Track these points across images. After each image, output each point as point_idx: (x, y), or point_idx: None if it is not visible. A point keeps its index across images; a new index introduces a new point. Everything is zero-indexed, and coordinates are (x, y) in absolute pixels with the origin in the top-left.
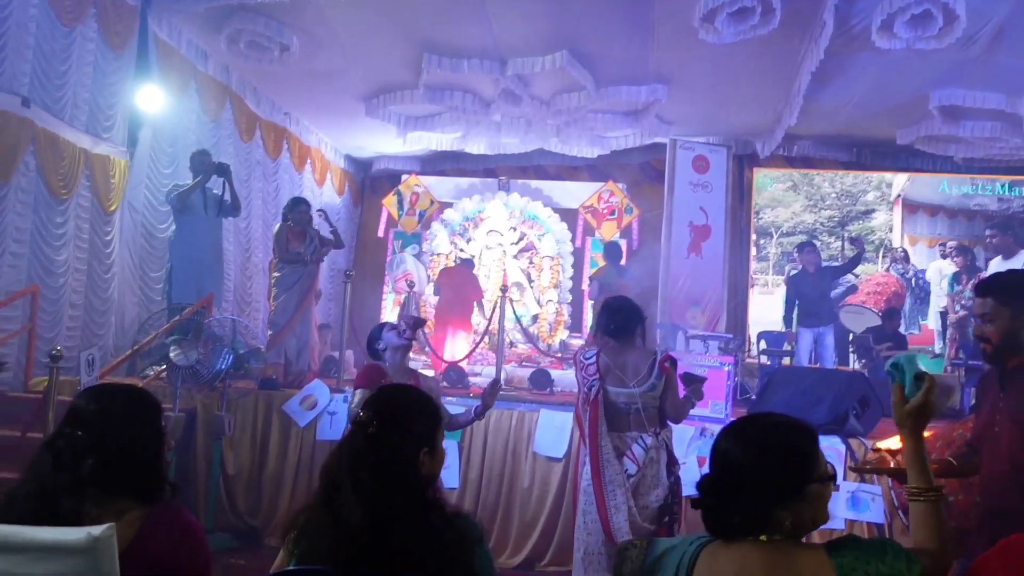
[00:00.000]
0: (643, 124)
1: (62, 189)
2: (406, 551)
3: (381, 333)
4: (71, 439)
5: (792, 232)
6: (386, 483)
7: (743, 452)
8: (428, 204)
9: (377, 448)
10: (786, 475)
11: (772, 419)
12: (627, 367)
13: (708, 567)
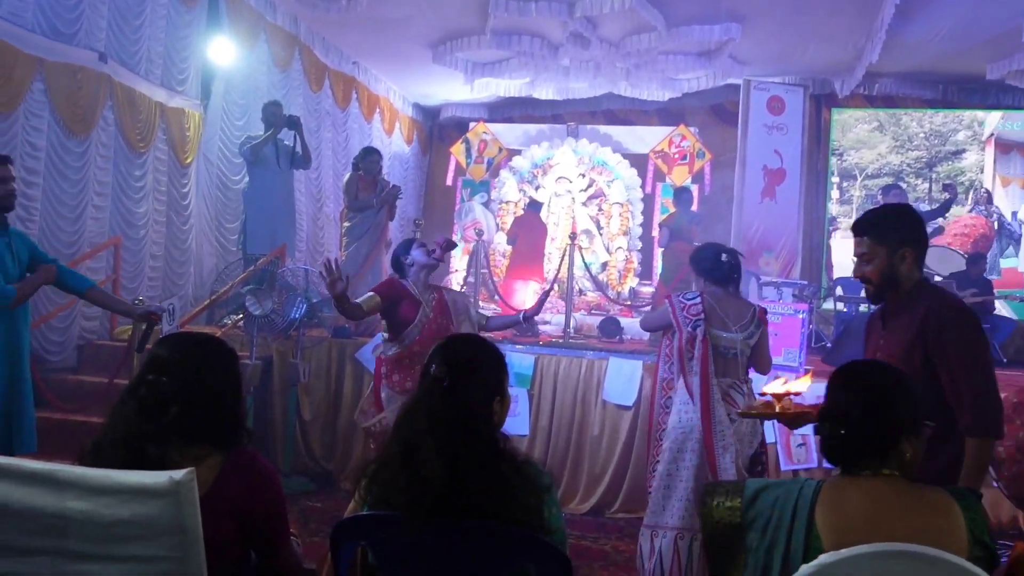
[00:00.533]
0: (716, 65)
1: (140, 143)
2: (480, 501)
3: (409, 250)
4: (155, 387)
5: (877, 174)
6: (464, 435)
7: (874, 387)
8: (496, 152)
9: (453, 401)
10: (910, 410)
11: (877, 367)
12: (730, 312)
13: (833, 502)
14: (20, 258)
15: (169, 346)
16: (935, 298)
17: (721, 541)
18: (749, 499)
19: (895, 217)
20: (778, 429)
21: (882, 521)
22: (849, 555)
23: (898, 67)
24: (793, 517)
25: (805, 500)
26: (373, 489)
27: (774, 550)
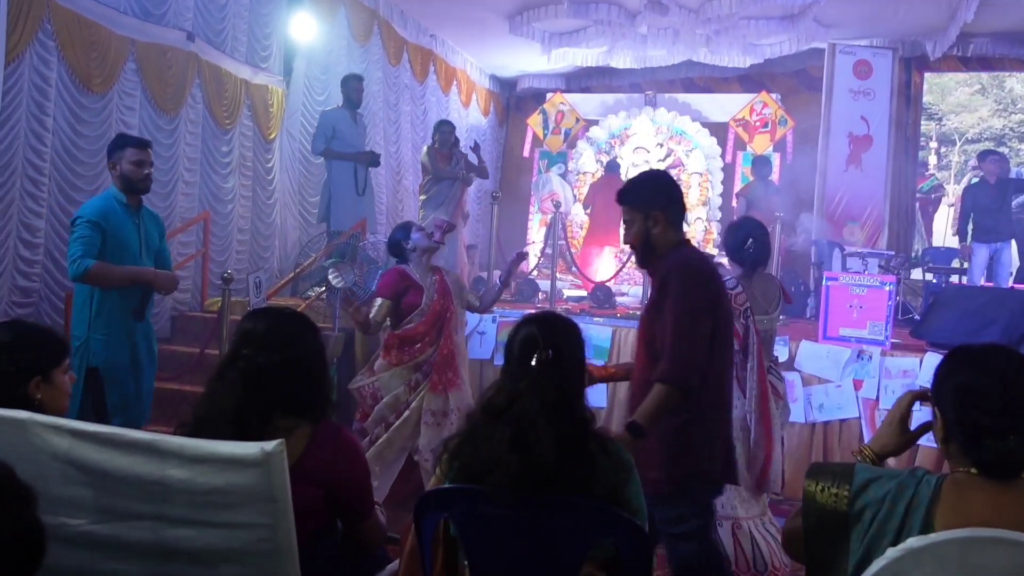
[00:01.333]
0: (799, 29)
1: (226, 119)
2: (568, 477)
3: (408, 234)
4: (255, 361)
5: (978, 139)
6: (567, 414)
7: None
8: (573, 122)
9: (560, 381)
10: None
11: (1007, 350)
12: (760, 294)
13: (955, 505)
14: (149, 240)
15: (260, 319)
16: (674, 258)
17: (824, 529)
18: (859, 487)
19: (647, 182)
20: (862, 404)
21: (1005, 527)
22: (938, 540)
23: (995, 26)
24: (906, 514)
25: (922, 498)
26: (455, 464)
27: (877, 545)
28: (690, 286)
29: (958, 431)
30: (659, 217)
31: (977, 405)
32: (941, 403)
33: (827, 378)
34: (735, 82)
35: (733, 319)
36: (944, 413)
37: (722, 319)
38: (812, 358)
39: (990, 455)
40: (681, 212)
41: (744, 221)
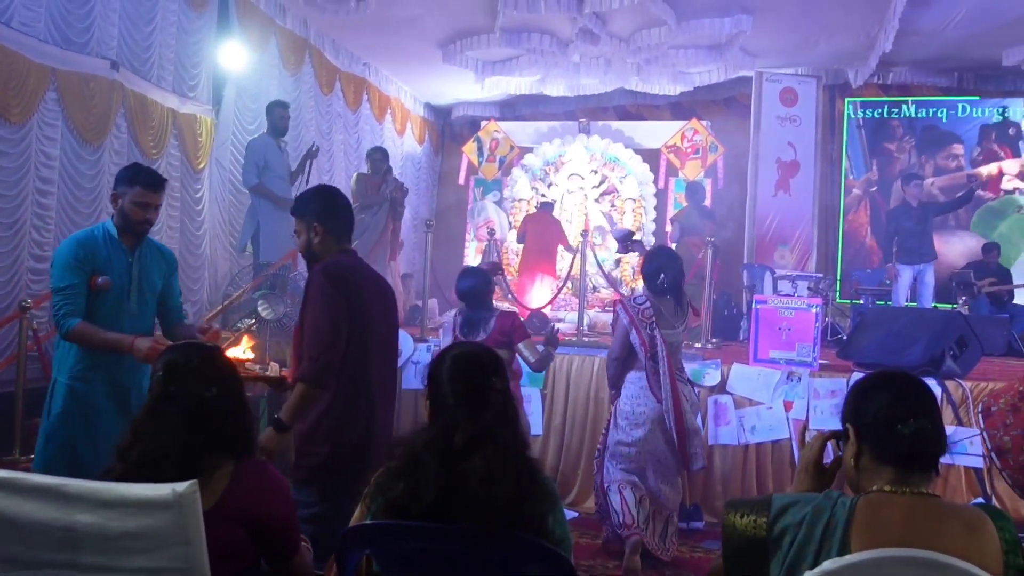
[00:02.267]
0: (727, 58)
1: (153, 149)
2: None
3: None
4: (190, 396)
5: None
6: (506, 444)
7: (926, 409)
8: (508, 150)
9: (505, 410)
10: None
11: (908, 375)
12: (671, 311)
13: (869, 523)
14: (145, 281)
15: (189, 353)
16: (316, 268)
17: (744, 558)
18: (777, 513)
19: (311, 196)
20: (793, 425)
21: (919, 543)
22: (853, 561)
23: (912, 55)
24: (824, 536)
25: (839, 519)
26: (379, 499)
27: (797, 568)
28: (322, 294)
29: (871, 432)
30: (318, 228)
31: (886, 401)
32: (852, 416)
33: (759, 400)
34: (666, 110)
35: (374, 324)
36: (856, 423)
37: (359, 323)
38: (744, 380)
39: (903, 441)
40: (341, 224)
41: (658, 253)
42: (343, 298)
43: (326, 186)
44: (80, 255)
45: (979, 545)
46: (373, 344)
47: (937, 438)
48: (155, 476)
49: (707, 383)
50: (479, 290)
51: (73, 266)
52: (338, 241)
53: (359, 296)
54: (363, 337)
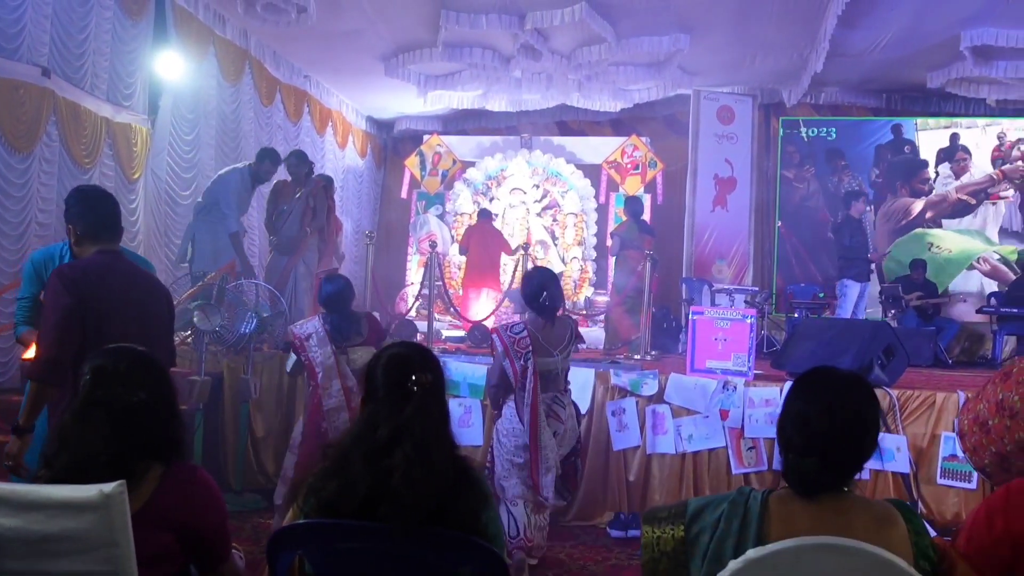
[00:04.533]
0: (665, 76)
1: (85, 158)
2: (424, 505)
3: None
4: (117, 399)
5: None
6: (436, 441)
7: (853, 413)
8: (451, 164)
9: (435, 406)
10: (876, 433)
11: (840, 374)
12: (552, 339)
13: (782, 518)
14: None
15: (117, 357)
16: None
17: (663, 563)
18: (692, 515)
19: (68, 199)
20: (729, 434)
21: (828, 533)
22: (775, 549)
23: (842, 76)
24: (741, 531)
25: (753, 515)
26: (311, 499)
27: (718, 562)
28: (52, 295)
29: (784, 455)
30: (72, 230)
31: (796, 425)
32: (777, 430)
33: (695, 409)
34: (607, 126)
35: (122, 323)
36: (778, 440)
37: (96, 322)
38: (681, 390)
39: (790, 471)
40: (96, 225)
41: (537, 273)
42: (74, 298)
43: (84, 187)
44: (32, 270)
45: (888, 538)
46: (117, 341)
47: (848, 462)
48: (82, 482)
49: (645, 393)
50: (344, 295)
51: (32, 279)
52: (95, 242)
53: (97, 296)
54: (104, 335)
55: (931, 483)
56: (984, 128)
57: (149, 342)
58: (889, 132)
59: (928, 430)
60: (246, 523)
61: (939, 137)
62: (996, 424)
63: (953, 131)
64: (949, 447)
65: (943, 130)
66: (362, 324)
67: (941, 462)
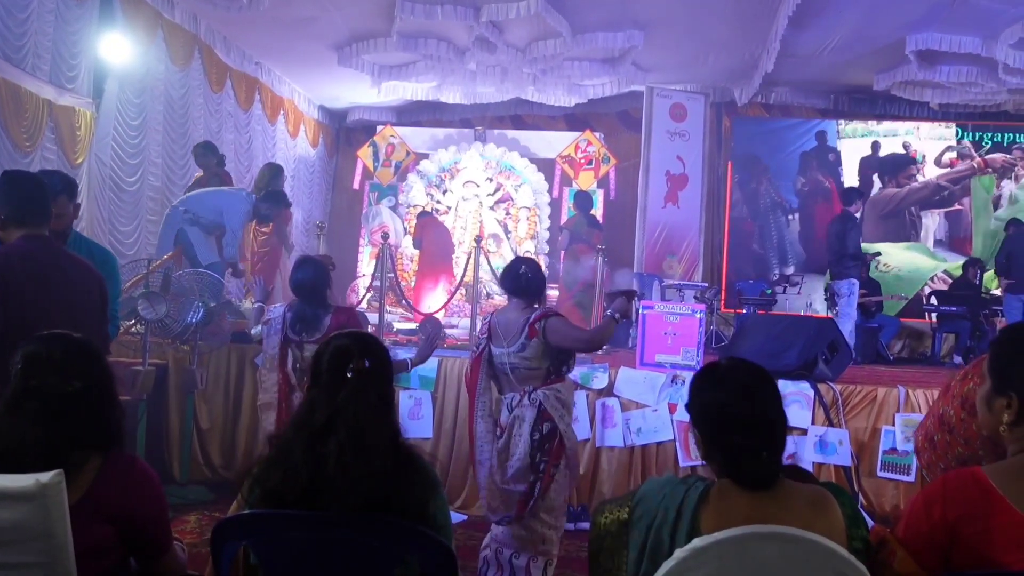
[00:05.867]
0: (620, 72)
1: (26, 142)
2: (369, 492)
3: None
4: (52, 388)
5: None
6: (377, 427)
7: (767, 402)
8: (404, 155)
9: (376, 392)
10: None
11: (749, 364)
12: (507, 327)
13: (719, 506)
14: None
15: (51, 344)
16: None
17: (609, 544)
18: (639, 499)
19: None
20: (677, 427)
21: (766, 522)
22: (721, 538)
23: (792, 77)
24: (677, 517)
25: (691, 501)
26: (256, 489)
27: (657, 550)
28: None
29: (717, 451)
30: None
31: (730, 425)
32: (699, 424)
33: (644, 403)
34: (561, 120)
35: (45, 309)
36: (703, 433)
37: (16, 309)
38: (630, 383)
39: (747, 473)
40: (21, 210)
41: (516, 260)
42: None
43: (11, 171)
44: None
45: (824, 521)
46: (39, 330)
47: (780, 454)
48: (14, 471)
49: (595, 386)
50: (316, 283)
51: None
52: (19, 226)
53: (19, 281)
54: (26, 322)
55: (872, 475)
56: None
57: (77, 329)
58: (814, 139)
59: (869, 424)
60: (190, 516)
61: (862, 145)
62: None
63: (874, 139)
64: (889, 441)
65: (861, 139)
66: (323, 320)
67: (881, 455)
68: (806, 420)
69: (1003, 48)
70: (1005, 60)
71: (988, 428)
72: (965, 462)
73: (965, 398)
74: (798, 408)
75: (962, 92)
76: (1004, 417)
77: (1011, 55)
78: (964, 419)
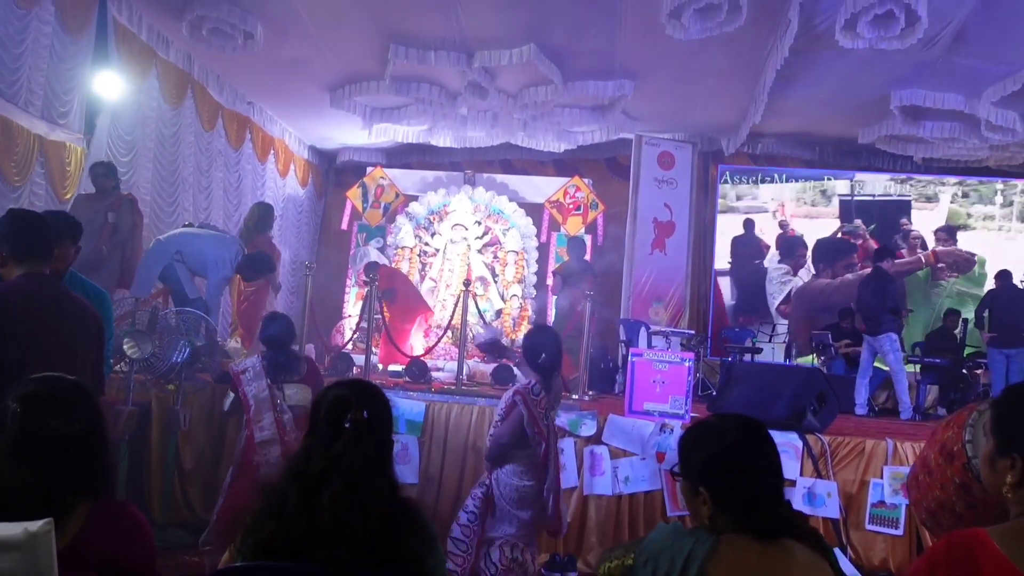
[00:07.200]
0: (609, 119)
1: (15, 176)
2: (367, 544)
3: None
4: (53, 431)
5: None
6: (374, 478)
7: (772, 454)
8: (393, 197)
9: (373, 443)
10: None
11: (744, 417)
12: (558, 394)
13: (728, 555)
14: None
15: (49, 385)
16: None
17: None
18: (644, 546)
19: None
20: (665, 477)
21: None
22: None
23: (779, 128)
24: (685, 567)
25: (699, 552)
26: (249, 540)
27: None
28: None
29: (730, 504)
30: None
31: (745, 476)
32: (703, 480)
33: (632, 451)
34: (550, 166)
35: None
36: (710, 488)
37: (12, 342)
38: (619, 431)
39: (765, 522)
40: (22, 248)
41: (537, 332)
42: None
43: (13, 209)
44: None
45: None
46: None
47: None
48: (4, 519)
49: (583, 433)
50: (286, 336)
51: None
52: (20, 264)
53: (18, 319)
54: (24, 361)
55: (860, 528)
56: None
57: (74, 369)
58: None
59: (858, 476)
60: (170, 560)
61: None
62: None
63: (747, 217)
64: (877, 493)
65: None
66: (301, 363)
67: (869, 508)
68: (795, 471)
69: (986, 106)
70: (988, 117)
71: (991, 489)
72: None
73: (943, 445)
74: (786, 459)
75: (945, 147)
76: (1008, 478)
77: (993, 113)
78: (940, 464)
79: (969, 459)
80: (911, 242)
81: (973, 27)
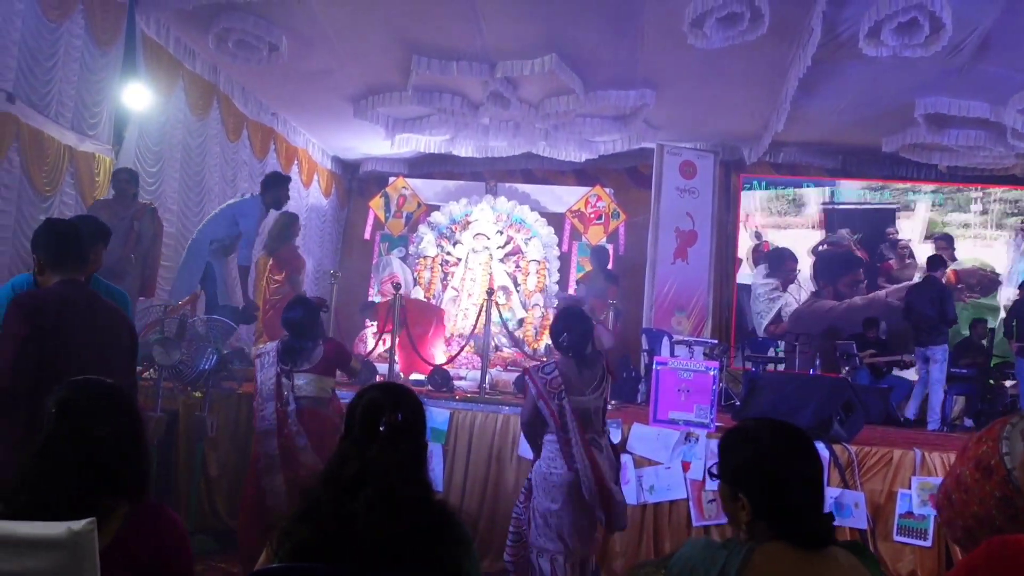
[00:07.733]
0: (631, 129)
1: (46, 186)
2: (403, 550)
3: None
4: (85, 434)
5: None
6: (411, 482)
7: (811, 461)
8: (415, 206)
9: (408, 448)
10: None
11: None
12: (583, 379)
13: (767, 566)
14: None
15: (83, 389)
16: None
17: None
18: (676, 559)
19: (37, 229)
20: (690, 485)
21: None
22: None
23: (801, 137)
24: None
25: (733, 565)
26: (287, 543)
27: None
28: (8, 322)
29: (771, 512)
30: (36, 260)
31: (787, 484)
32: (744, 487)
33: (657, 460)
34: (571, 175)
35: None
36: (750, 495)
37: (51, 353)
38: (643, 440)
39: (808, 531)
40: (58, 255)
41: (562, 314)
42: (26, 327)
43: (50, 219)
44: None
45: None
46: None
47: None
48: (44, 520)
49: None
50: (305, 320)
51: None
52: (56, 271)
53: (55, 326)
54: (61, 367)
55: (888, 539)
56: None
57: (109, 374)
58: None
59: (885, 487)
60: (197, 566)
61: None
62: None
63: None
64: (905, 504)
65: None
66: (313, 352)
67: (897, 519)
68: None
69: (1011, 113)
70: (1013, 125)
71: None
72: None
73: (979, 460)
74: None
75: (970, 156)
76: None
77: (1019, 120)
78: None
79: (1009, 471)
80: (899, 251)
81: (998, 34)
